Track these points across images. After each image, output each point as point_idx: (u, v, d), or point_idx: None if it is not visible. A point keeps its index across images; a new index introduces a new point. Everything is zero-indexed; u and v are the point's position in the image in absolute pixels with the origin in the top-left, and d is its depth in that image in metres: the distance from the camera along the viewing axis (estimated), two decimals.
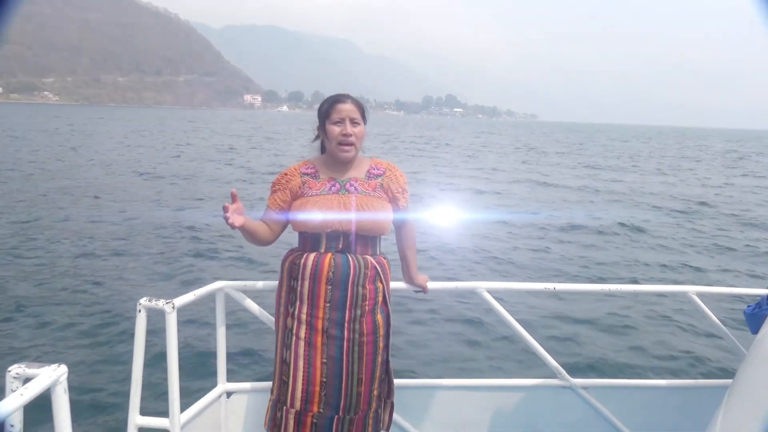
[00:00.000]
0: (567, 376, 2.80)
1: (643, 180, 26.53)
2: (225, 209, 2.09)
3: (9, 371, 1.36)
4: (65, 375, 1.39)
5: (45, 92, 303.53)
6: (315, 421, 2.22)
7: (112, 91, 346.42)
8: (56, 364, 1.39)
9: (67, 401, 1.41)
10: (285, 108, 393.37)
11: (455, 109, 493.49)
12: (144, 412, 2.13)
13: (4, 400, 1.26)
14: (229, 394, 2.59)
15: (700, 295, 2.77)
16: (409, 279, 2.52)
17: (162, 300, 2.10)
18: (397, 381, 2.49)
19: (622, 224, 13.84)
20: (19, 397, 1.27)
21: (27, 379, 1.34)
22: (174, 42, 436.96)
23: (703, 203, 18.78)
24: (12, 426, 1.33)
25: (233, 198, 2.13)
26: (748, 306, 2.28)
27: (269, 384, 2.39)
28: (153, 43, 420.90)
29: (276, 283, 2.37)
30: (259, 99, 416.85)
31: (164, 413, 2.17)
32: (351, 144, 2.25)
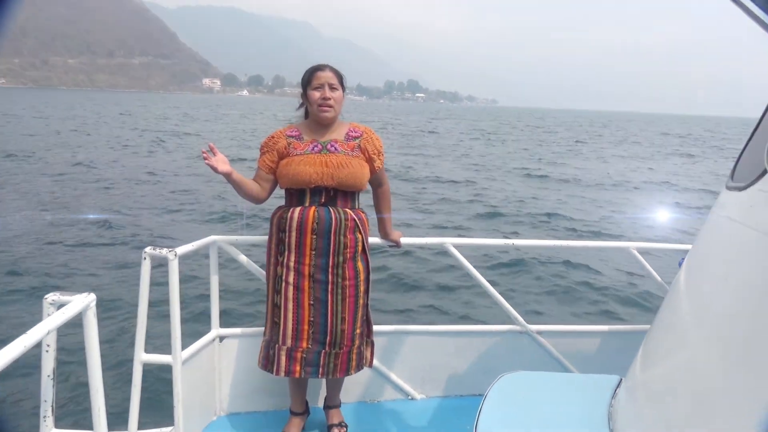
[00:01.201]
0: (524, 322, 3.05)
1: None
2: (205, 155, 2.30)
3: (45, 298, 1.51)
4: (94, 302, 1.56)
5: None
6: (304, 355, 2.45)
7: (62, 74, 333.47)
8: (86, 293, 1.55)
9: (95, 324, 1.58)
10: (245, 92, 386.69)
11: (417, 94, 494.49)
12: (146, 350, 2.29)
13: (41, 323, 1.40)
14: (221, 338, 2.77)
15: (640, 250, 3.05)
16: (384, 235, 2.75)
17: (165, 248, 2.24)
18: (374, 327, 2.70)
19: None
20: (55, 319, 1.42)
21: (60, 305, 1.50)
22: (126, 22, 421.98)
23: None
24: (48, 345, 1.51)
25: (212, 150, 2.33)
26: (682, 258, 2.54)
27: (259, 329, 2.65)
28: (104, 24, 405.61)
29: (263, 238, 2.60)
30: (218, 83, 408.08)
31: (161, 352, 2.32)
32: (330, 106, 2.44)
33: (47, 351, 1.52)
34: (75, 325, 1.55)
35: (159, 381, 3.41)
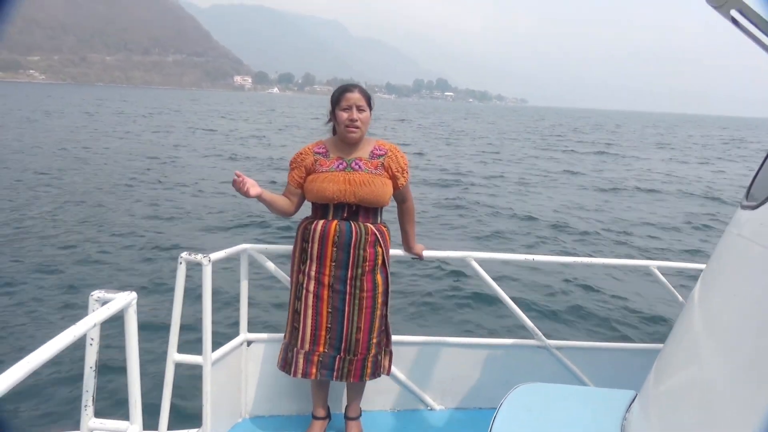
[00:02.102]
0: (543, 337, 3.10)
1: None
2: (235, 182, 2.39)
3: (91, 295, 1.61)
4: (135, 300, 1.68)
5: (30, 70, 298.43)
6: (320, 359, 2.57)
7: (100, 71, 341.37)
8: (128, 291, 1.66)
9: (135, 320, 1.69)
10: (276, 90, 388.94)
11: (446, 93, 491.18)
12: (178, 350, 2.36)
13: (88, 317, 1.51)
14: (249, 342, 2.87)
15: (661, 269, 3.07)
16: (407, 248, 2.86)
17: (200, 254, 2.33)
18: (393, 336, 2.78)
19: None
20: (100, 314, 1.53)
21: (104, 302, 1.60)
22: (161, 21, 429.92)
23: None
24: (92, 339, 1.60)
25: (240, 177, 2.41)
26: None
27: (283, 335, 2.74)
28: (140, 22, 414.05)
29: (290, 247, 2.70)
30: (250, 80, 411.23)
31: (192, 352, 2.40)
32: (357, 128, 2.54)
33: (91, 344, 1.60)
34: (111, 324, 1.63)
35: (184, 384, 3.52)
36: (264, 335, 2.90)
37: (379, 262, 2.58)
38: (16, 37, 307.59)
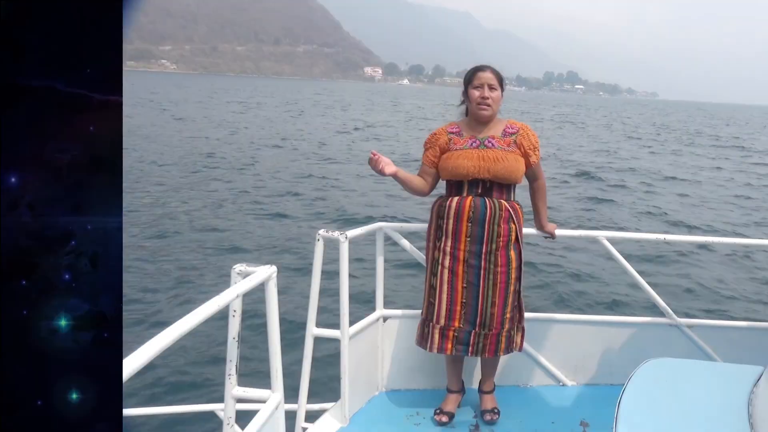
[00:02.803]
0: (674, 315, 3.05)
1: None
2: (371, 161, 2.50)
3: (234, 268, 1.68)
4: (275, 273, 1.74)
5: (162, 60, 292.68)
6: (456, 334, 2.61)
7: (230, 61, 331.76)
8: (269, 265, 1.72)
9: (276, 293, 1.75)
10: (406, 81, 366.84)
11: (576, 86, 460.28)
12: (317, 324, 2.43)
13: (230, 288, 1.56)
14: (385, 318, 2.89)
15: None
16: (539, 226, 2.84)
17: (337, 231, 2.40)
18: (525, 314, 2.78)
19: None
20: (242, 286, 1.59)
21: (246, 275, 1.67)
22: (292, 11, 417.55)
23: None
24: (234, 310, 1.65)
25: (375, 156, 2.52)
26: None
27: (418, 312, 2.76)
28: (271, 12, 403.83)
29: (425, 225, 2.74)
30: (380, 72, 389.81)
31: (329, 327, 2.47)
32: (488, 105, 2.57)
33: (233, 315, 1.66)
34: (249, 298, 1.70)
35: (321, 358, 3.47)
36: (399, 312, 2.93)
37: (513, 238, 2.60)
38: (149, 27, 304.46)
